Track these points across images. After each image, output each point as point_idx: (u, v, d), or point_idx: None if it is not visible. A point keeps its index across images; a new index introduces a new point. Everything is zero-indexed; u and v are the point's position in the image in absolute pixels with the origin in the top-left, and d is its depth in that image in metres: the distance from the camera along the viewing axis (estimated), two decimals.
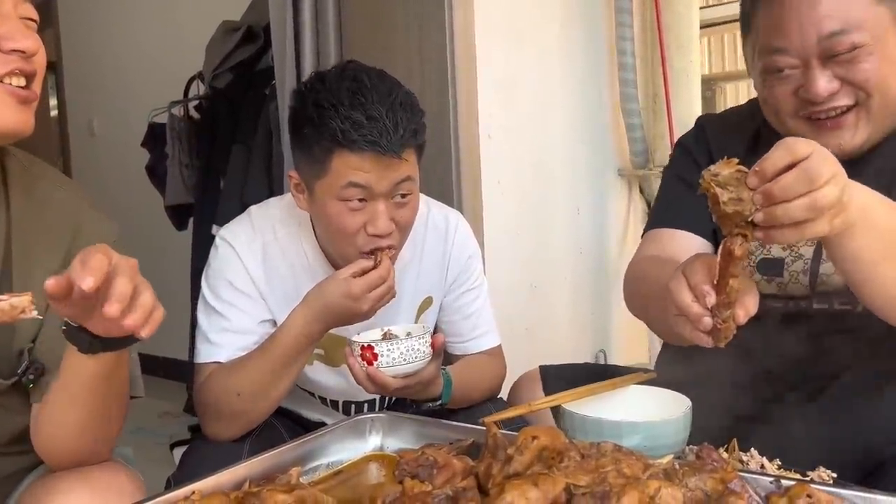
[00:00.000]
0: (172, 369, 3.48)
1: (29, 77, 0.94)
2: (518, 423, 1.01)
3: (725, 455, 0.92)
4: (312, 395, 1.42)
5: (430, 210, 1.42)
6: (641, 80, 2.40)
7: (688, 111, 2.36)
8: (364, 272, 1.17)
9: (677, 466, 0.75)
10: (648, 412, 0.97)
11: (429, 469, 0.76)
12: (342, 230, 1.19)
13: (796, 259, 1.13)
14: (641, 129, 2.38)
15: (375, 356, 1.13)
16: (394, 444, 1.00)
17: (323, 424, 1.44)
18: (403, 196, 1.20)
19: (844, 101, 1.06)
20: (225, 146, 2.66)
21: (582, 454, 0.73)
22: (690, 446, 0.93)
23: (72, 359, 0.88)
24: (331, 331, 1.25)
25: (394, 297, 1.21)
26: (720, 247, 0.82)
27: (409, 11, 2.00)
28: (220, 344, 1.26)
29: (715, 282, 0.82)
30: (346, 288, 1.15)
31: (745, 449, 0.98)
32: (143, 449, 1.26)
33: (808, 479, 0.87)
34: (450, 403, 1.32)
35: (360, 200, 1.17)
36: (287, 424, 1.40)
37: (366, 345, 1.14)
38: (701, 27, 2.40)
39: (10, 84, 0.92)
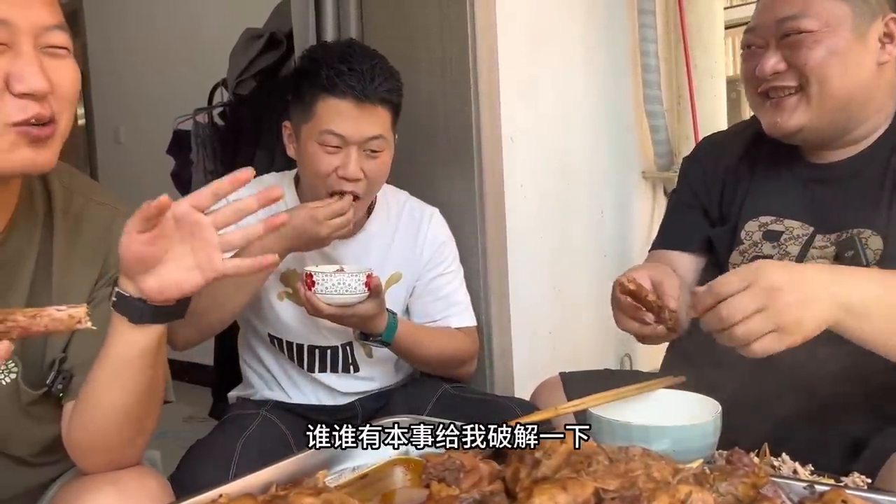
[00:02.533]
0: (197, 374, 3.51)
1: (46, 119, 0.88)
2: (544, 427, 1.00)
3: (757, 460, 0.90)
4: (280, 345, 1.52)
5: (407, 201, 1.61)
6: (665, 81, 2.38)
7: (712, 112, 2.34)
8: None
9: (707, 471, 0.74)
10: (677, 416, 0.95)
11: (455, 473, 0.75)
12: (317, 170, 1.37)
13: (783, 256, 1.20)
14: (666, 131, 2.36)
15: (314, 283, 1.30)
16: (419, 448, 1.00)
17: (319, 410, 1.52)
18: (374, 151, 1.38)
19: (788, 82, 1.15)
20: (249, 152, 2.68)
21: (610, 458, 0.72)
22: (720, 451, 0.92)
23: (116, 336, 0.89)
24: (297, 271, 1.44)
25: (349, 230, 1.39)
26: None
27: (430, 15, 2.00)
28: None
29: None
30: (311, 212, 1.33)
31: (776, 454, 0.96)
32: (168, 453, 1.28)
33: (842, 484, 0.85)
34: (407, 357, 1.48)
35: (335, 147, 1.36)
36: (284, 417, 1.47)
37: (308, 272, 1.31)
38: (725, 28, 2.38)
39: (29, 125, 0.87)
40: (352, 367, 1.53)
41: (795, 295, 0.87)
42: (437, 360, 1.52)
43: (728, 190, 1.32)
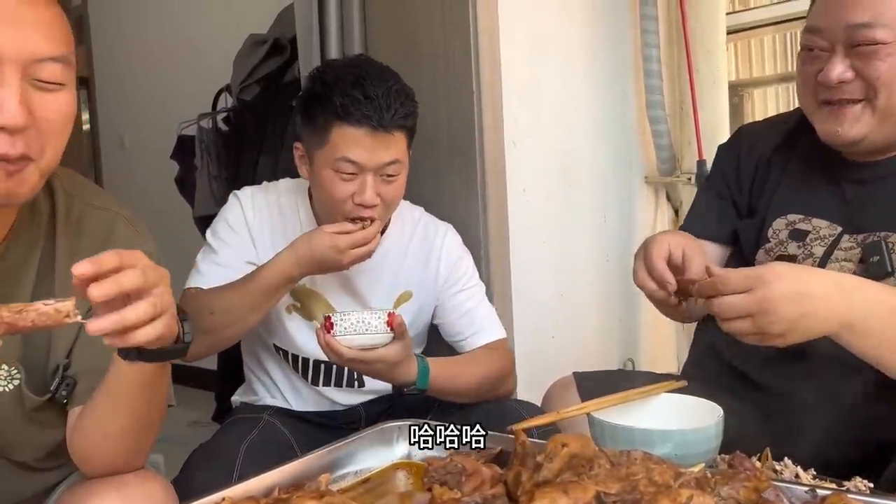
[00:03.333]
0: (201, 379, 3.51)
1: (12, 158, 0.83)
2: (546, 431, 1.00)
3: (758, 464, 0.90)
4: (286, 357, 1.51)
5: (422, 217, 1.59)
6: (668, 86, 2.38)
7: (715, 118, 2.34)
8: (345, 233, 1.33)
9: (709, 475, 0.74)
10: (680, 421, 0.96)
11: (458, 476, 0.75)
12: (333, 196, 1.35)
13: (807, 257, 1.18)
14: (668, 136, 2.36)
15: (332, 325, 1.24)
16: (421, 452, 1.00)
17: (321, 415, 1.51)
18: (390, 175, 1.36)
19: (853, 93, 1.10)
20: (252, 157, 2.69)
21: (612, 462, 0.72)
22: (722, 455, 0.92)
23: (116, 366, 0.89)
24: (307, 286, 1.45)
25: (370, 257, 1.37)
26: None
27: (433, 21, 2.01)
28: (205, 273, 1.42)
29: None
30: (333, 241, 1.31)
31: (778, 458, 0.96)
32: (171, 457, 1.29)
33: (844, 488, 0.85)
34: (446, 395, 1.41)
35: (351, 174, 1.33)
36: (287, 421, 1.47)
37: (327, 315, 1.26)
38: (727, 33, 2.38)
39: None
40: (356, 382, 1.52)
41: (790, 309, 0.90)
42: (476, 388, 1.44)
43: (758, 181, 1.29)
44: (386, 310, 1.27)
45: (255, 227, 1.46)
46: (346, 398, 1.53)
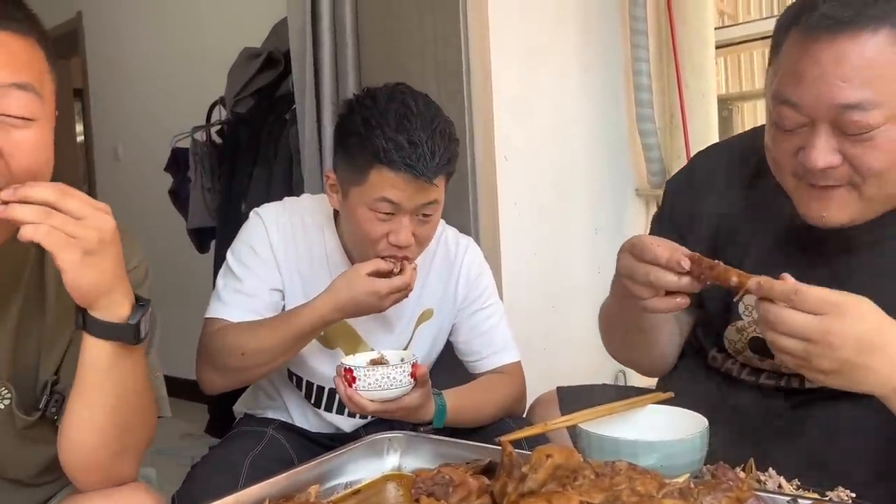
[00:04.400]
0: (194, 391, 3.50)
1: None
2: (536, 443, 1.01)
3: (742, 475, 0.92)
4: (298, 382, 1.48)
5: (444, 231, 1.53)
6: (657, 100, 2.41)
7: (704, 131, 2.36)
8: (380, 272, 1.29)
9: (692, 485, 0.75)
10: (665, 432, 0.97)
11: (445, 487, 0.76)
12: (367, 235, 1.31)
13: None
14: (658, 149, 2.38)
15: (354, 379, 1.19)
16: (411, 463, 1.01)
17: (325, 436, 1.50)
18: (426, 215, 1.32)
19: (839, 178, 0.95)
20: (246, 170, 2.70)
21: (596, 472, 0.73)
22: (707, 466, 0.93)
23: (83, 349, 0.90)
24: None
25: (407, 297, 1.34)
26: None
27: (425, 35, 2.03)
28: (229, 303, 1.37)
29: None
30: (373, 287, 1.27)
31: (763, 469, 0.97)
32: (164, 470, 1.28)
33: (826, 498, 0.86)
34: (460, 424, 1.36)
35: (388, 213, 1.28)
36: (291, 438, 1.45)
37: (347, 367, 1.21)
38: (717, 47, 2.41)
39: None
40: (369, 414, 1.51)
41: (852, 354, 0.82)
42: (491, 416, 1.41)
43: (722, 236, 1.13)
44: (409, 361, 1.23)
45: (280, 252, 1.40)
46: (350, 424, 1.50)
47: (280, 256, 1.40)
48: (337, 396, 1.44)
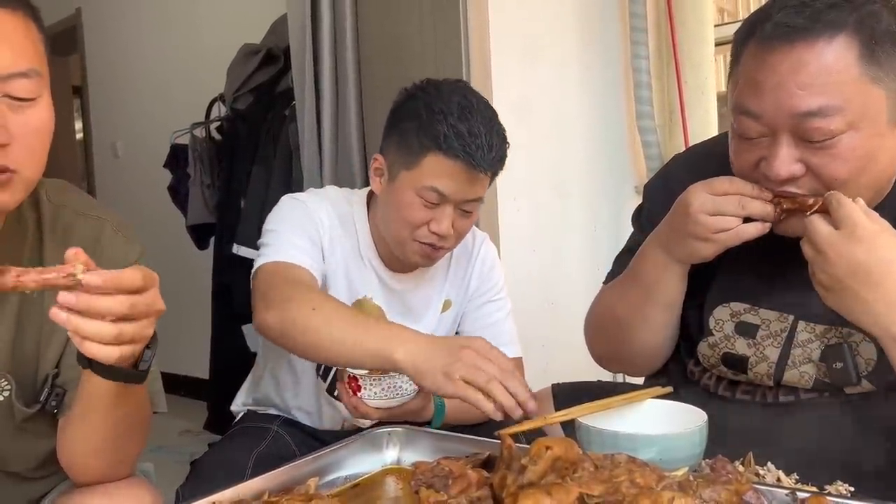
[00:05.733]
0: (193, 388, 3.51)
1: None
2: (533, 438, 1.01)
3: (741, 468, 0.92)
4: (318, 370, 1.44)
5: None
6: (657, 97, 2.41)
7: (703, 128, 2.37)
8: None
9: (692, 478, 0.76)
10: (664, 426, 0.97)
11: (444, 479, 0.77)
12: (409, 219, 1.31)
13: (760, 360, 1.05)
14: (658, 146, 2.38)
15: (359, 387, 1.18)
16: (411, 457, 1.01)
17: (329, 433, 1.48)
18: (468, 210, 1.33)
19: (803, 188, 0.93)
20: (245, 167, 2.71)
21: (596, 465, 0.73)
22: (706, 460, 0.93)
23: (85, 379, 0.88)
24: (370, 301, 1.40)
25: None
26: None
27: (425, 32, 2.03)
28: (280, 246, 1.30)
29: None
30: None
31: (761, 463, 0.98)
32: (162, 466, 1.28)
33: (825, 492, 0.87)
34: (459, 422, 1.35)
35: (434, 203, 1.29)
36: (295, 435, 1.44)
37: (352, 375, 1.19)
38: (716, 45, 2.41)
39: None
40: None
41: (843, 277, 0.85)
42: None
43: None
44: None
45: (326, 237, 1.37)
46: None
47: (325, 240, 1.36)
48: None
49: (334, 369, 1.44)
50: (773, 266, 1.03)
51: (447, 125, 1.25)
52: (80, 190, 1.12)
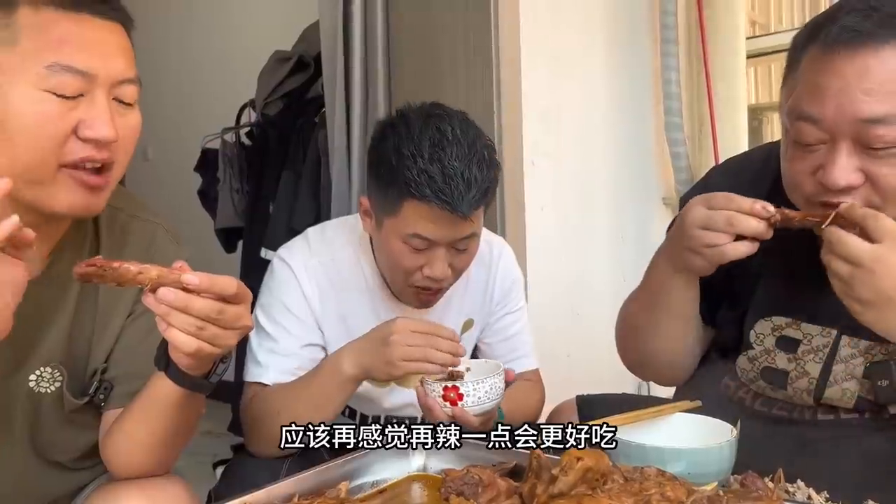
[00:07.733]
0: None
1: (103, 164, 0.92)
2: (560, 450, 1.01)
3: (771, 485, 0.91)
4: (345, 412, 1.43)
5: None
6: (687, 109, 2.40)
7: (733, 141, 2.35)
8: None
9: (721, 493, 0.75)
10: (693, 439, 0.96)
11: (474, 487, 0.77)
12: (401, 267, 1.25)
13: (801, 376, 1.03)
14: (686, 158, 2.37)
15: (461, 396, 1.12)
16: (437, 464, 1.01)
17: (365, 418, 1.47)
18: (463, 248, 1.25)
19: (858, 199, 0.90)
20: (275, 172, 2.72)
21: (625, 477, 0.73)
22: (735, 475, 0.93)
23: (153, 384, 0.92)
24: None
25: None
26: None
27: (456, 42, 2.04)
28: (265, 365, 1.31)
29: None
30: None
31: (791, 480, 0.97)
32: (186, 467, 1.29)
33: None
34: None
35: (422, 249, 1.23)
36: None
37: (450, 385, 1.13)
38: (748, 57, 2.40)
39: (84, 169, 0.90)
40: None
41: (889, 290, 0.83)
42: (521, 422, 1.39)
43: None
44: (500, 365, 1.19)
45: (316, 302, 1.32)
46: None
47: (316, 308, 1.32)
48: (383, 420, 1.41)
49: (370, 418, 1.43)
50: (815, 280, 0.98)
51: (417, 170, 1.16)
52: (130, 193, 1.16)
